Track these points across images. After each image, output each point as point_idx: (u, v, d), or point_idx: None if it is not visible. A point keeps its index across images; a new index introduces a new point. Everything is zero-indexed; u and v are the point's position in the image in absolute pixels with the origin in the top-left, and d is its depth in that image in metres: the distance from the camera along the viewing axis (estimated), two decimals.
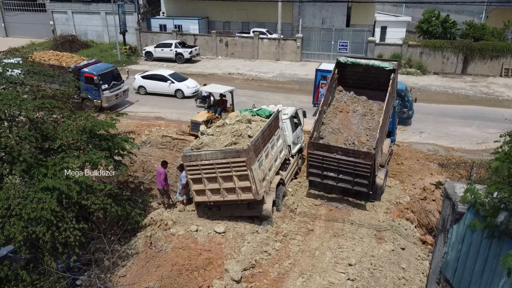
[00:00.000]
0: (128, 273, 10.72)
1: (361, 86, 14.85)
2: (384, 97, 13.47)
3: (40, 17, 44.37)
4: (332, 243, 11.68)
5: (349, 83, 15.00)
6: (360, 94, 14.84)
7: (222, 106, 19.88)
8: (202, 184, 11.90)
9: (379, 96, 14.16)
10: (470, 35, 31.52)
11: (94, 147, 10.64)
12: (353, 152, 12.62)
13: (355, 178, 12.71)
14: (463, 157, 17.07)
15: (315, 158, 13.01)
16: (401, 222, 12.68)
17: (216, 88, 20.52)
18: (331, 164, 12.85)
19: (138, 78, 26.27)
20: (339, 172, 12.87)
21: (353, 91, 14.85)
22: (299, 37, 34.50)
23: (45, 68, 13.72)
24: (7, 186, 9.34)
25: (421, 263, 11.43)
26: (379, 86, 14.21)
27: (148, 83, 26.06)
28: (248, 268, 10.68)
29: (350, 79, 14.92)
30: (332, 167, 12.90)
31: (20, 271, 8.83)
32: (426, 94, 26.73)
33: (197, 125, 17.54)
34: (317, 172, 13.20)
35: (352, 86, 14.99)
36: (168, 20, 40.63)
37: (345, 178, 12.89)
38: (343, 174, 12.86)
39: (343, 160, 12.61)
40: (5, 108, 9.49)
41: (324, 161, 12.88)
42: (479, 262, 6.34)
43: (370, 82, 14.65)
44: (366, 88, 14.79)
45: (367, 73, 14.41)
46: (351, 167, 12.56)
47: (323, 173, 13.12)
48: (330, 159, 12.77)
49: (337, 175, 12.96)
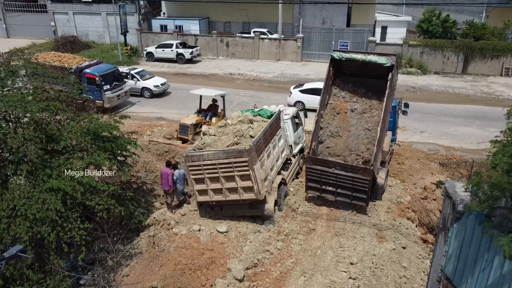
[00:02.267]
0: (131, 272, 10.82)
1: (360, 75, 14.43)
2: (384, 86, 13.11)
3: (41, 18, 44.48)
4: (334, 242, 11.77)
5: (347, 73, 14.61)
6: (358, 83, 14.40)
7: (213, 111, 19.27)
8: (205, 184, 12.01)
9: (379, 85, 13.70)
10: (471, 34, 31.60)
11: (98, 149, 10.75)
12: (351, 167, 12.57)
13: (354, 193, 12.69)
14: (463, 157, 17.17)
15: (313, 173, 13.00)
16: (402, 221, 12.77)
17: (207, 92, 19.88)
18: (330, 179, 12.83)
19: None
20: (338, 187, 12.85)
21: (352, 80, 14.50)
22: (300, 37, 34.59)
23: (48, 70, 13.82)
24: (12, 187, 9.46)
25: (422, 262, 11.53)
26: (378, 75, 13.83)
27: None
28: (251, 267, 10.79)
29: (348, 70, 14.52)
30: (331, 181, 12.88)
31: (26, 270, 8.95)
32: (426, 93, 26.83)
33: (185, 128, 17.50)
34: (316, 186, 13.19)
35: (350, 75, 14.59)
36: (169, 21, 40.74)
37: (344, 192, 12.86)
38: (342, 189, 12.84)
39: (341, 175, 12.59)
40: (11, 110, 9.61)
41: (323, 176, 12.88)
42: (479, 260, 6.43)
43: (369, 73, 14.24)
44: (365, 76, 14.36)
45: (364, 66, 13.88)
46: (350, 181, 12.55)
47: (321, 187, 13.10)
48: (328, 173, 12.77)
49: (335, 189, 12.93)
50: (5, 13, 46.17)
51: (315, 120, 13.64)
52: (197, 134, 17.44)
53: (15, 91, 10.84)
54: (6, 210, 8.95)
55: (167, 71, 32.99)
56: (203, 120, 18.47)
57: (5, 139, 9.36)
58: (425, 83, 28.91)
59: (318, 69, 31.76)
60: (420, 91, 27.35)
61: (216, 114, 19.06)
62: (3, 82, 10.80)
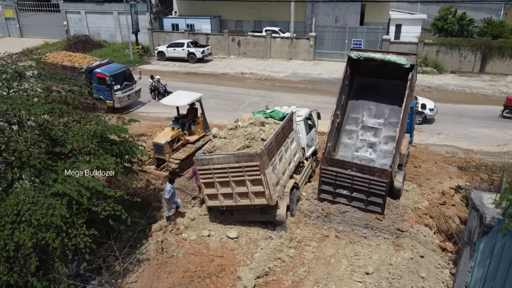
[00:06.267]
0: (139, 279, 10.53)
1: (377, 75, 14.20)
2: (403, 87, 12.79)
3: (54, 17, 44.72)
4: (348, 250, 11.31)
5: (364, 73, 14.42)
6: (375, 84, 14.21)
7: (190, 118, 16.85)
8: (215, 189, 11.65)
9: (397, 86, 13.38)
10: (488, 32, 30.72)
11: (105, 152, 10.45)
12: (368, 169, 12.15)
13: (369, 197, 12.18)
14: (483, 160, 16.49)
15: (328, 175, 12.55)
16: (419, 228, 12.22)
17: (181, 98, 16.47)
18: (345, 181, 12.37)
19: None
20: (353, 190, 12.35)
21: (367, 80, 14.36)
22: (312, 36, 34.04)
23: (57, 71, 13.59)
24: (17, 191, 9.21)
25: (441, 272, 10.98)
26: (396, 76, 13.53)
27: None
28: (262, 275, 10.40)
29: (365, 70, 14.31)
30: (346, 184, 12.41)
31: (30, 278, 8.70)
32: (443, 93, 26.08)
33: (160, 148, 15.32)
34: (329, 189, 12.69)
35: (366, 76, 14.41)
36: (180, 20, 40.53)
37: (359, 197, 12.34)
38: (357, 192, 12.33)
39: (357, 177, 12.12)
40: (15, 112, 9.35)
41: (338, 178, 12.42)
42: (510, 278, 5.94)
43: (387, 73, 13.96)
44: (382, 77, 14.11)
45: (382, 66, 13.61)
46: (366, 184, 12.07)
47: (335, 191, 12.60)
48: (344, 175, 12.32)
49: (350, 193, 12.43)
50: (18, 13, 46.55)
51: (331, 120, 13.29)
52: (175, 151, 15.61)
53: (21, 92, 10.60)
54: (10, 215, 8.69)
55: (178, 70, 32.75)
56: (179, 133, 16.08)
57: (8, 143, 9.09)
58: (441, 82, 28.15)
59: (330, 68, 31.19)
60: (436, 91, 26.59)
61: (195, 121, 16.80)
62: (9, 83, 10.58)
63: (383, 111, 14.35)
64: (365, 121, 14.44)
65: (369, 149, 14.07)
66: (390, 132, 13.90)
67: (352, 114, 14.66)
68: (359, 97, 14.73)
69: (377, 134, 14.18)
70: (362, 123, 14.45)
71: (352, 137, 14.38)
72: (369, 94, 14.53)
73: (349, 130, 14.50)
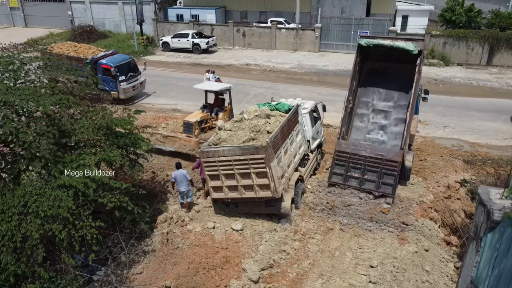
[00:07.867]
0: (145, 270, 10.60)
1: (386, 60, 14.66)
2: (411, 71, 13.33)
3: (58, 7, 44.65)
4: (353, 243, 11.33)
5: (373, 58, 14.87)
6: (384, 68, 14.67)
7: (219, 106, 18.09)
8: (220, 181, 11.67)
9: (405, 70, 13.95)
10: (496, 24, 30.37)
11: (111, 144, 10.47)
12: (381, 150, 12.64)
13: (381, 178, 12.54)
14: (489, 153, 16.40)
15: (342, 156, 12.97)
16: (424, 222, 12.20)
17: (211, 86, 18.47)
18: (358, 163, 12.80)
19: None
20: (365, 172, 12.76)
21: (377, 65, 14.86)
22: (318, 27, 33.79)
23: (62, 62, 13.58)
24: (24, 183, 9.26)
25: (446, 265, 10.99)
26: (405, 60, 13.94)
27: None
28: (266, 268, 10.44)
29: (374, 55, 14.73)
30: (358, 166, 12.81)
31: (37, 268, 8.78)
32: (449, 86, 25.90)
33: (189, 126, 16.50)
34: (341, 172, 13.04)
35: (375, 60, 14.87)
36: (185, 10, 40.36)
37: (371, 178, 12.70)
38: (369, 174, 12.71)
39: (371, 158, 12.60)
40: (23, 104, 9.37)
41: (351, 159, 12.84)
42: None
43: (395, 59, 14.41)
44: (391, 61, 14.59)
45: (391, 51, 14.00)
46: (379, 165, 12.49)
47: (347, 174, 12.95)
48: (357, 156, 12.77)
49: (362, 175, 12.80)
50: (23, 3, 46.49)
51: (344, 106, 13.75)
52: (202, 131, 16.83)
53: (28, 83, 10.61)
54: (17, 206, 8.75)
55: (183, 61, 32.66)
56: (208, 116, 17.41)
57: (17, 134, 9.12)
58: (447, 75, 27.92)
59: (336, 59, 31.02)
60: (443, 83, 26.40)
61: (223, 109, 18.00)
62: (16, 74, 10.58)
63: (392, 95, 14.71)
64: (376, 104, 14.79)
65: (380, 131, 14.43)
66: (400, 114, 14.29)
67: (362, 98, 14.98)
68: (369, 81, 15.06)
69: (387, 117, 14.55)
70: (372, 107, 14.80)
71: (363, 120, 14.76)
72: (379, 79, 14.88)
73: (361, 113, 14.84)
